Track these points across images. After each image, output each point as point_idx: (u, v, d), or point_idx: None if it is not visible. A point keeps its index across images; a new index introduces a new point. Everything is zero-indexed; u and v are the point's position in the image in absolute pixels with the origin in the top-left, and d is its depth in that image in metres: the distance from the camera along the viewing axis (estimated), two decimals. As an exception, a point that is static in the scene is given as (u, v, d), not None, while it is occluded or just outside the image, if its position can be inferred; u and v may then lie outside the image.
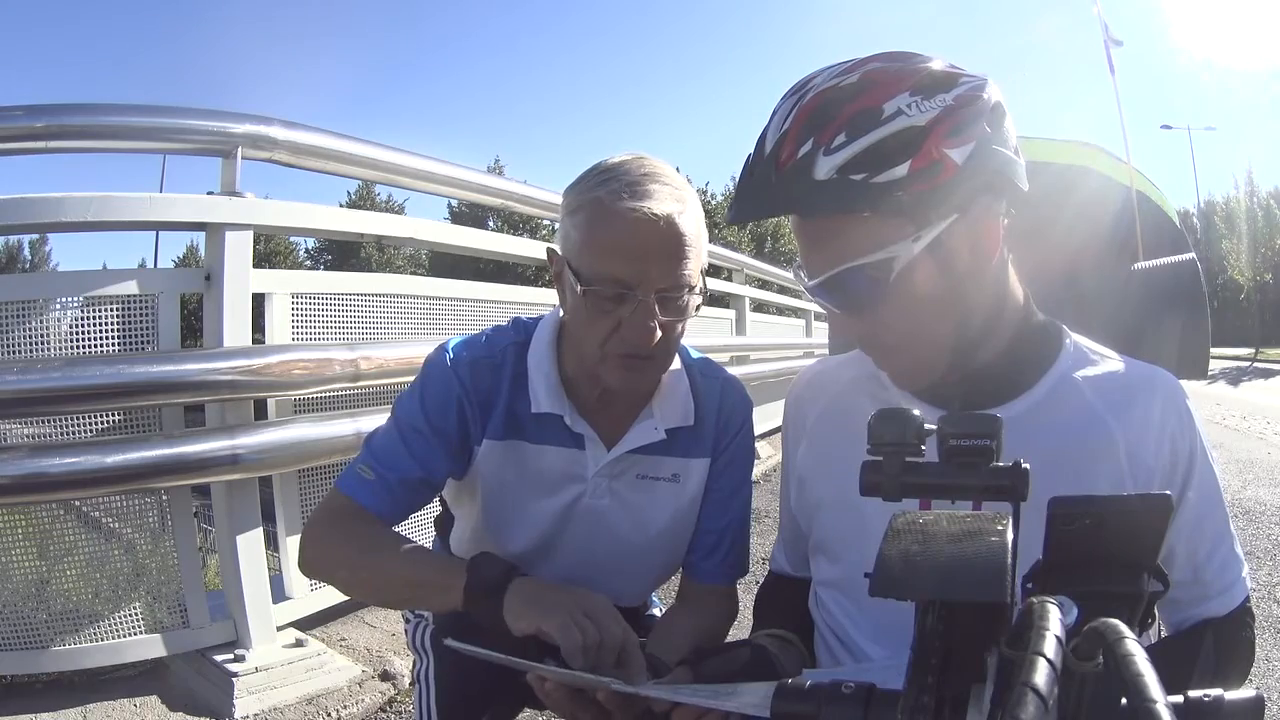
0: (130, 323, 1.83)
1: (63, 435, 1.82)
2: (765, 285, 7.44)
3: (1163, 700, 0.29)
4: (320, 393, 2.10)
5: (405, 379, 1.01)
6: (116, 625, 1.82)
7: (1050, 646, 0.31)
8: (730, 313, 5.44)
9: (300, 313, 2.12)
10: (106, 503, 1.87)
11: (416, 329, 2.44)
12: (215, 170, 2.04)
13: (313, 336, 2.14)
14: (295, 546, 2.02)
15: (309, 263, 30.04)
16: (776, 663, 0.83)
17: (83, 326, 1.78)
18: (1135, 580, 0.44)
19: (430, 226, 2.82)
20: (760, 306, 6.78)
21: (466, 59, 75.78)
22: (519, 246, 3.30)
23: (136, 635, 1.84)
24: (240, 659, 1.84)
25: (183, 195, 1.98)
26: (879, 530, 0.41)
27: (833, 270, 0.73)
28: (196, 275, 2.00)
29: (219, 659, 1.85)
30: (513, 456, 0.96)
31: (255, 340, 2.03)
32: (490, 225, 23.56)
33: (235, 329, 1.94)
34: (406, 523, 0.95)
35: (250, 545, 1.96)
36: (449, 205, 24.73)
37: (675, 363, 0.97)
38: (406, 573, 0.89)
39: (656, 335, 0.85)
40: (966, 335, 0.76)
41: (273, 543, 2.16)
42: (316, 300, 2.17)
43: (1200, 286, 1.04)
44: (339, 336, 2.21)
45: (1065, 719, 0.35)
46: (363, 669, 1.97)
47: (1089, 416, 0.77)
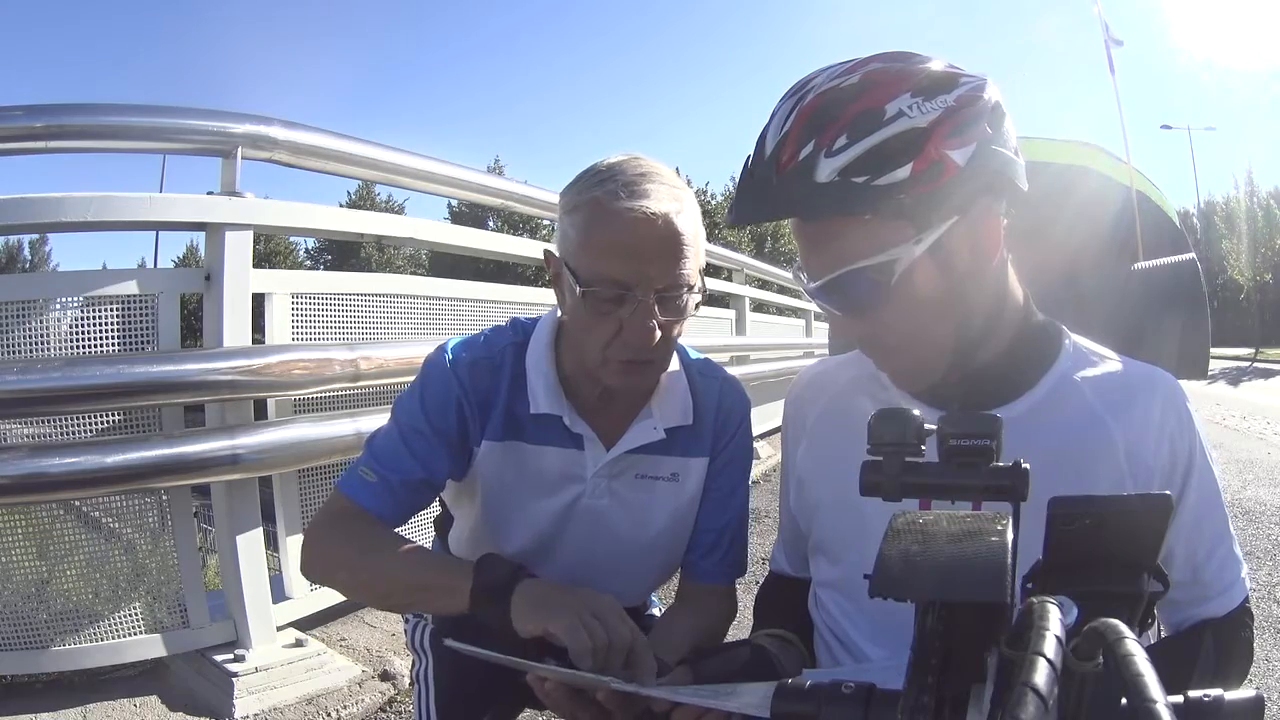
0: (130, 323, 1.83)
1: (63, 435, 1.82)
2: (765, 285, 7.44)
3: (1163, 700, 0.29)
4: (320, 393, 2.10)
5: (405, 379, 1.01)
6: (116, 625, 1.82)
7: (1050, 646, 0.31)
8: (730, 313, 5.44)
9: (300, 313, 2.12)
10: (106, 503, 1.87)
11: (416, 329, 2.44)
12: (215, 170, 2.04)
13: (313, 336, 2.15)
14: (295, 546, 2.03)
15: (309, 263, 30.05)
16: (776, 663, 0.83)
17: (83, 326, 1.78)
18: (1135, 580, 0.44)
19: (430, 226, 2.82)
20: (760, 306, 6.77)
21: (466, 59, 75.92)
22: (519, 246, 3.30)
23: (136, 635, 1.84)
24: (240, 659, 1.84)
25: (183, 195, 1.99)
26: (879, 530, 0.41)
27: (834, 273, 0.73)
28: (196, 275, 2.00)
29: (219, 659, 1.85)
30: (512, 457, 0.96)
31: (255, 340, 2.03)
32: (490, 225, 23.58)
33: (235, 329, 1.94)
34: (407, 523, 0.95)
35: (250, 545, 1.96)
36: (449, 205, 24.77)
37: (674, 362, 0.98)
38: (410, 575, 0.89)
39: (657, 336, 0.85)
40: (967, 336, 0.76)
41: (273, 543, 2.16)
42: (316, 300, 2.17)
43: (1200, 286, 1.04)
44: (339, 336, 2.21)
45: (1065, 719, 0.35)
46: (363, 669, 1.97)
47: (1089, 417, 0.77)
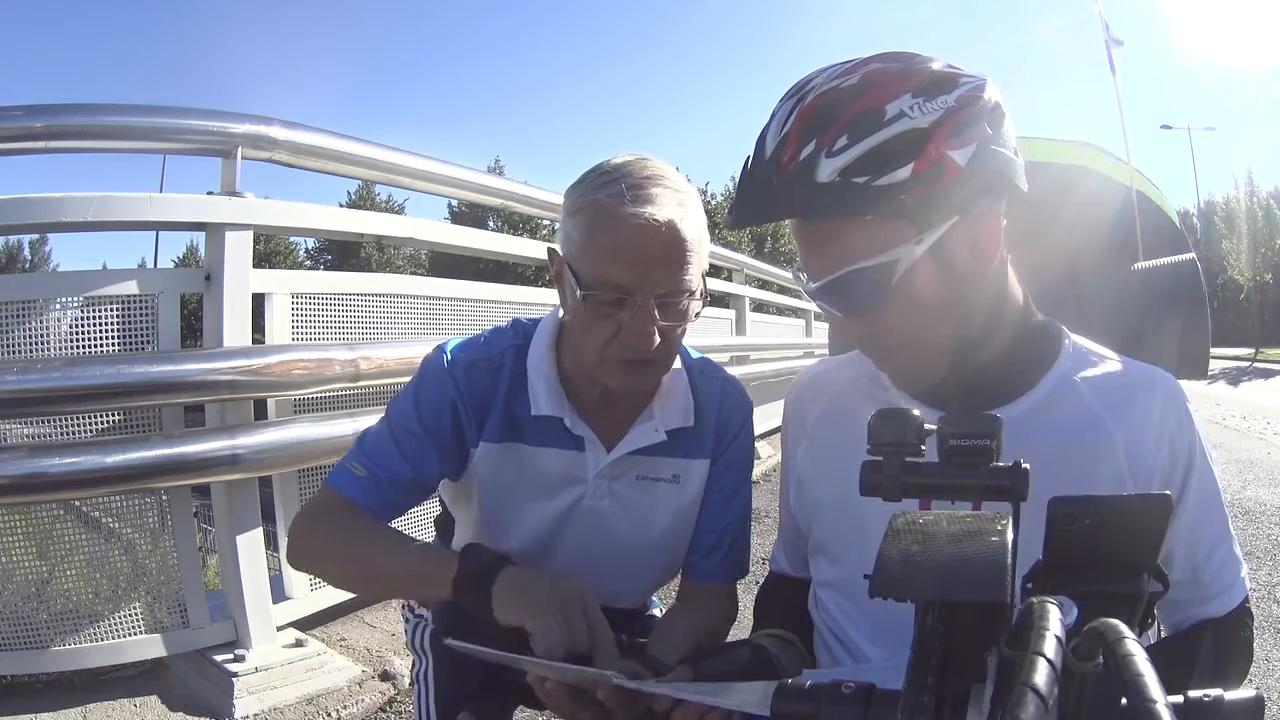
0: (130, 323, 1.83)
1: (63, 435, 1.82)
2: (765, 285, 7.44)
3: (1163, 700, 0.29)
4: (320, 393, 2.10)
5: (405, 379, 1.00)
6: (116, 625, 1.82)
7: (1050, 646, 0.31)
8: (730, 313, 5.44)
9: (300, 313, 2.12)
10: (106, 503, 1.87)
11: (416, 329, 2.44)
12: (215, 170, 2.04)
13: (312, 336, 2.14)
14: (295, 546, 2.03)
15: (309, 263, 30.06)
16: (776, 663, 0.83)
17: (83, 326, 1.78)
18: (1135, 580, 0.44)
19: (430, 226, 2.82)
20: (760, 306, 6.77)
21: (466, 59, 75.87)
22: (519, 246, 3.30)
23: (136, 635, 1.84)
24: (240, 659, 1.84)
25: (183, 195, 1.98)
26: (879, 531, 0.41)
27: (835, 274, 0.73)
28: (196, 275, 2.00)
29: (219, 659, 1.84)
30: (511, 459, 0.95)
31: (255, 340, 2.03)
32: (490, 225, 23.57)
33: (235, 329, 1.94)
34: (407, 523, 0.95)
35: (250, 545, 1.96)
36: (449, 205, 24.77)
37: (675, 363, 0.97)
38: (395, 563, 0.89)
39: (655, 340, 0.85)
40: (967, 336, 0.76)
41: (273, 543, 2.16)
42: (316, 300, 2.17)
43: (1200, 286, 1.04)
44: (339, 336, 2.20)
45: (1065, 719, 0.35)
46: (362, 669, 1.97)
47: (1089, 417, 0.77)
